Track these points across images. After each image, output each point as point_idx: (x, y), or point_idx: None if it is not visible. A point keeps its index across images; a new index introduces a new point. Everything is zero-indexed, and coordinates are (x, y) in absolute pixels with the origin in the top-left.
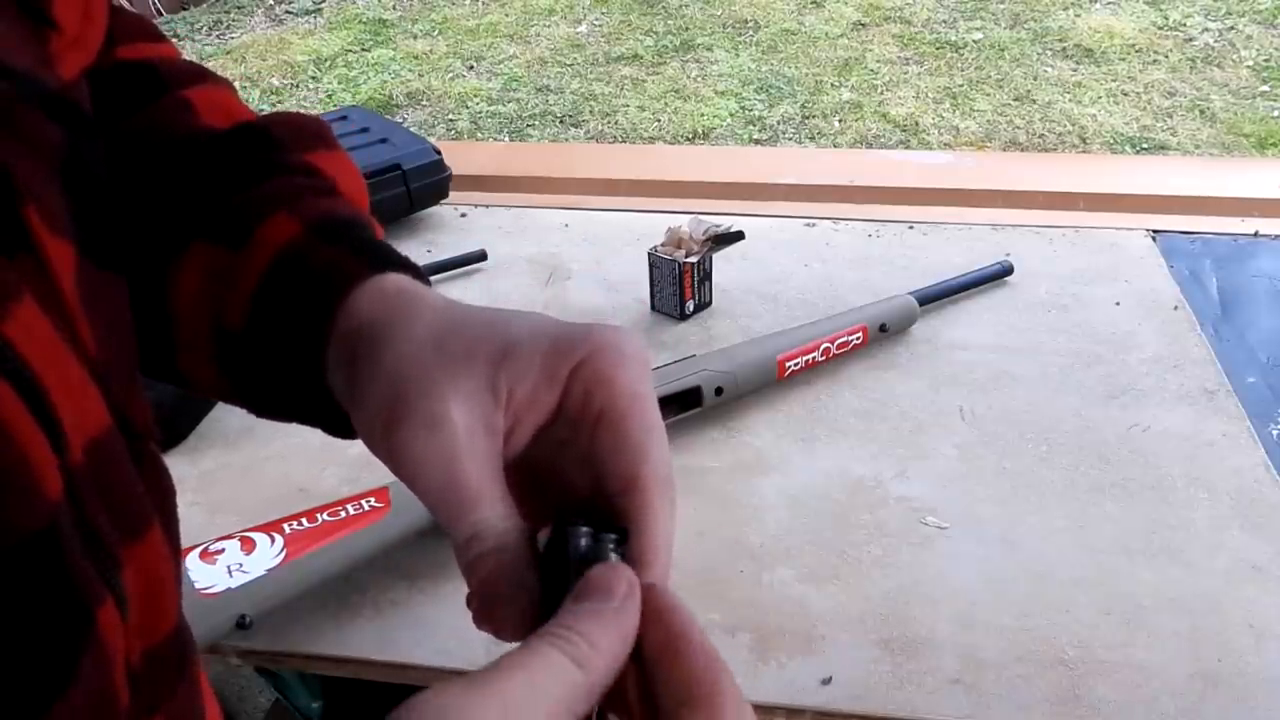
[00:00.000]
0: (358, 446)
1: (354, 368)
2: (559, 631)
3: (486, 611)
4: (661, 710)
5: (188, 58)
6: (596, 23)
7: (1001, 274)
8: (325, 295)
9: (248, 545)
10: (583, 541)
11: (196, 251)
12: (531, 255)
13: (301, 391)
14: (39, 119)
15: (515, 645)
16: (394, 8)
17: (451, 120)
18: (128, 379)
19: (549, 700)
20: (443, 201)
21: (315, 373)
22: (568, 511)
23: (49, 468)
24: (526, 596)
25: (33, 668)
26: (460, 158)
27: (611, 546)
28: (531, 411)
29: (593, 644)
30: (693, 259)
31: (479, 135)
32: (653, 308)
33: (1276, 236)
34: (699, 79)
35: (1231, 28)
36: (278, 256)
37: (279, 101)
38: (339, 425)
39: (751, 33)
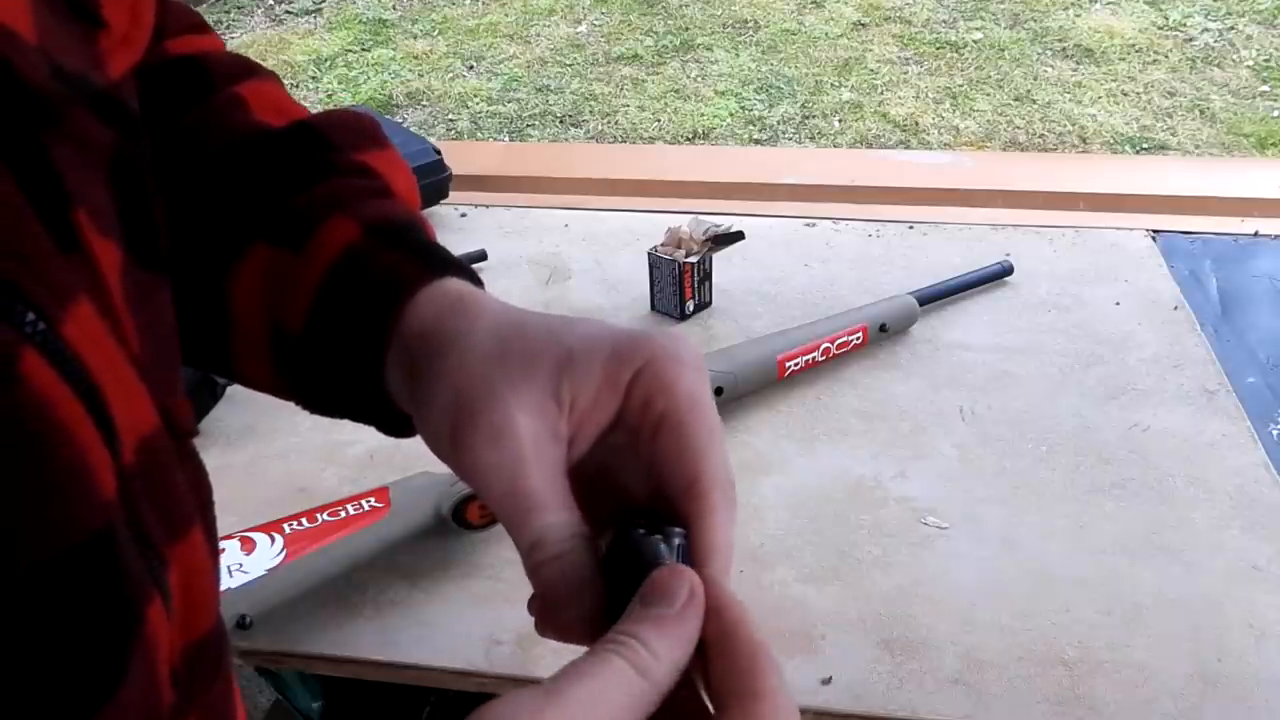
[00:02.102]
0: (358, 446)
1: (415, 375)
2: (623, 640)
3: (550, 617)
4: (713, 702)
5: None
6: (596, 23)
7: (1001, 274)
8: (385, 301)
9: (248, 545)
10: (646, 544)
11: (257, 253)
12: (532, 255)
13: (359, 395)
14: (89, 119)
15: (580, 651)
16: (394, 8)
17: (451, 120)
18: (170, 378)
19: (613, 707)
20: (443, 201)
21: (374, 377)
22: (629, 514)
23: (105, 468)
24: (590, 601)
25: (85, 667)
26: (460, 158)
27: (674, 546)
28: (593, 418)
29: (655, 652)
30: (693, 259)
31: (479, 135)
32: (653, 308)
33: (1276, 236)
34: (699, 79)
35: (1231, 28)
36: (337, 260)
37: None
38: (397, 425)
39: (751, 33)
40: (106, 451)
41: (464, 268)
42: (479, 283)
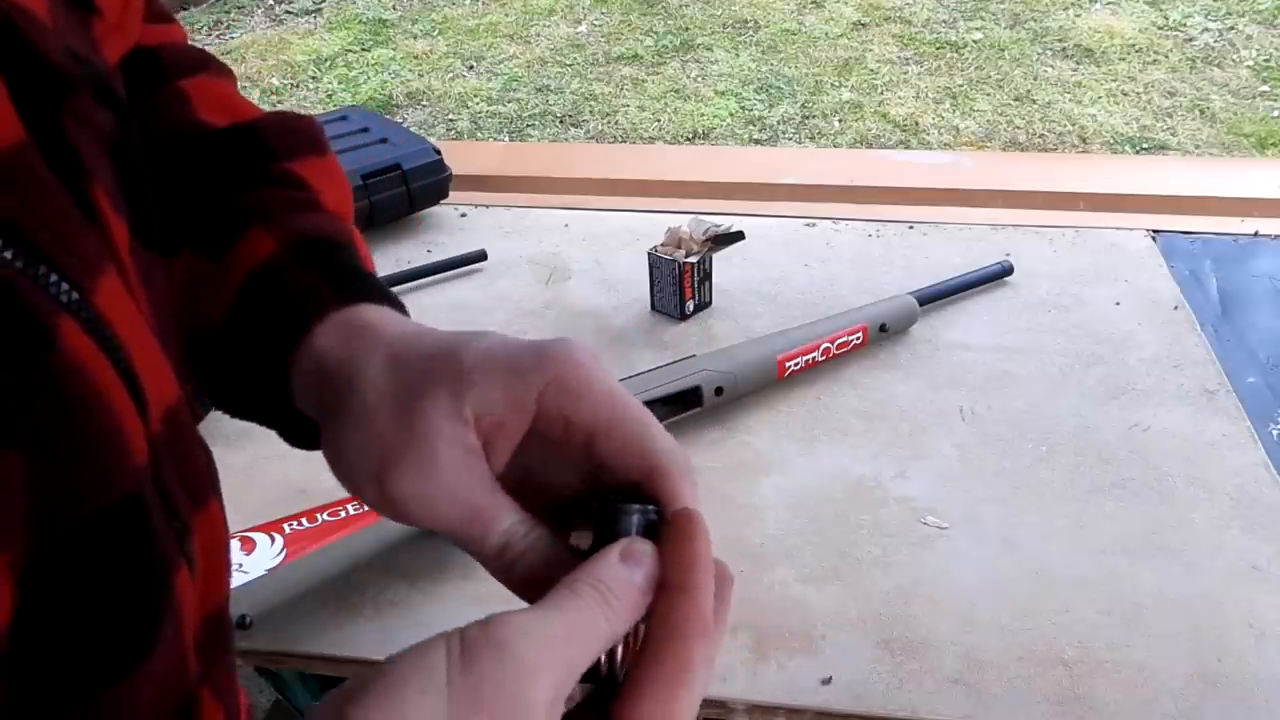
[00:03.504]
0: None
1: (324, 409)
2: (600, 589)
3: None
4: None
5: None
6: (596, 23)
7: (1001, 274)
8: (293, 324)
9: (248, 545)
10: (632, 518)
11: (182, 257)
12: (531, 255)
13: (265, 403)
14: (91, 103)
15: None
16: (394, 8)
17: (451, 120)
18: (175, 355)
19: (581, 644)
20: (443, 201)
21: (281, 390)
22: (606, 494)
23: (138, 435)
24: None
25: (118, 632)
26: (460, 158)
27: (648, 519)
28: (504, 433)
29: (622, 611)
30: (693, 259)
31: (479, 135)
32: (653, 308)
33: (1276, 236)
34: (699, 79)
35: (1231, 28)
36: (251, 275)
37: (279, 101)
38: (303, 439)
39: (751, 33)
40: (139, 419)
41: (376, 290)
42: (395, 301)
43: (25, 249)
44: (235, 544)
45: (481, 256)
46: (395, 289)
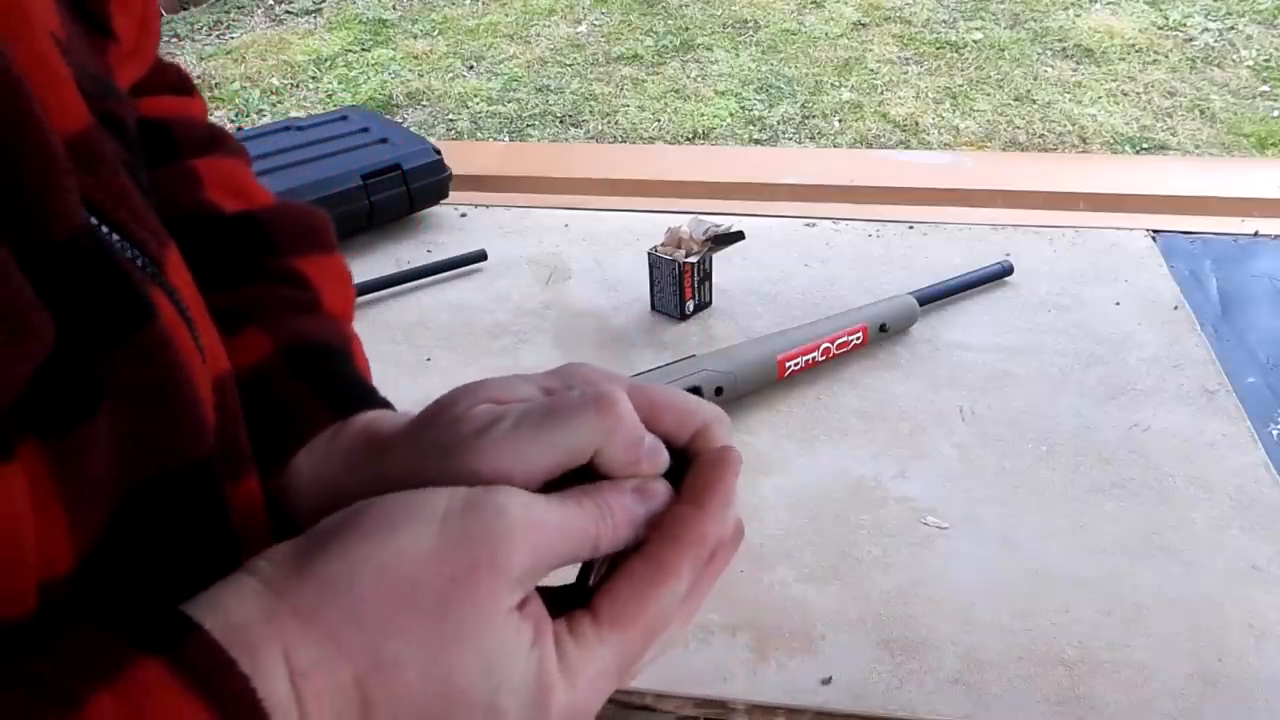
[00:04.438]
0: None
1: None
2: (604, 508)
3: None
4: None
5: (185, 58)
6: (596, 23)
7: (1001, 274)
8: (280, 437)
9: None
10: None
11: None
12: (531, 255)
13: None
14: (99, 129)
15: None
16: (394, 8)
17: (451, 120)
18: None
19: (568, 538)
20: (443, 201)
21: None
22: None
23: (210, 404)
24: None
25: (202, 580)
26: (460, 158)
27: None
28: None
29: (613, 530)
30: (693, 259)
31: (479, 135)
32: (653, 308)
33: (1276, 236)
34: (699, 79)
35: (1231, 28)
36: (245, 376)
37: (279, 102)
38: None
39: (751, 33)
40: (210, 389)
41: (366, 397)
42: (385, 404)
43: (111, 225)
44: None
45: (481, 256)
46: (395, 289)
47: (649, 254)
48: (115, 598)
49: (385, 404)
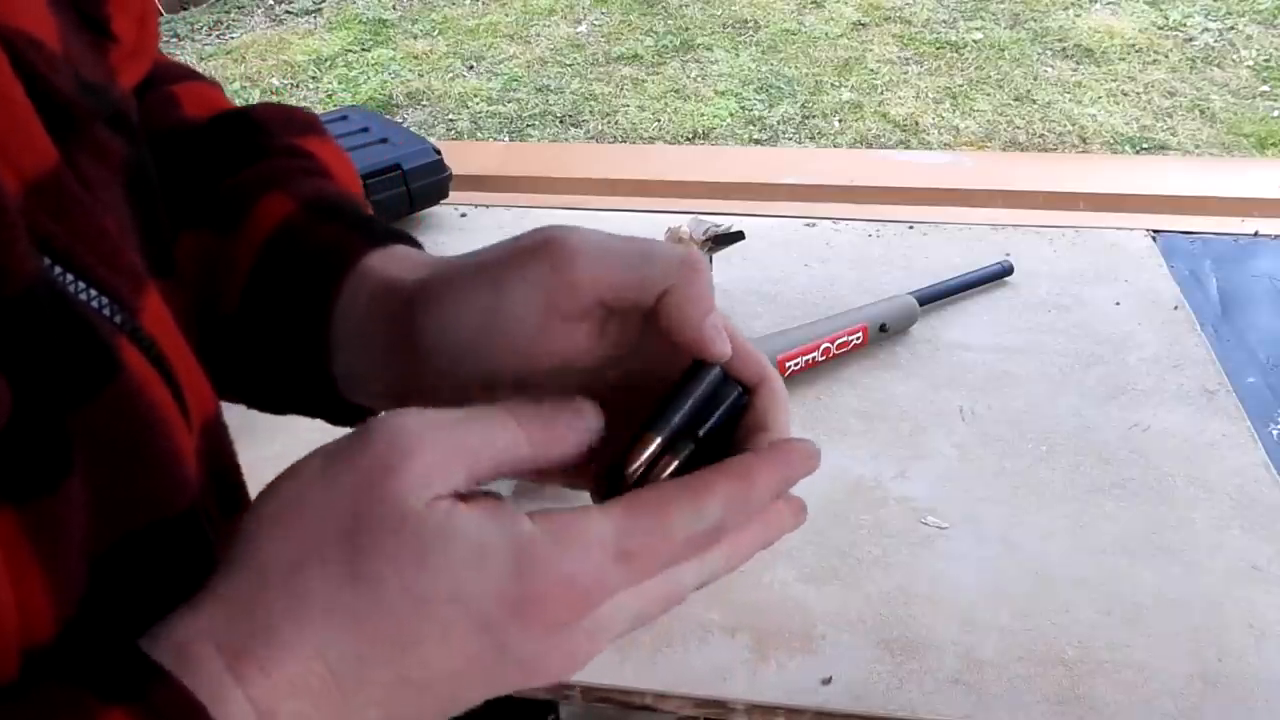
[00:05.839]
0: None
1: (411, 314)
2: (515, 413)
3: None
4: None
5: (186, 58)
6: (596, 23)
7: (1001, 274)
8: (326, 273)
9: None
10: (714, 383)
11: (183, 241)
12: None
13: (299, 374)
14: (105, 132)
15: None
16: (394, 8)
17: (451, 120)
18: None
19: (481, 437)
20: (443, 201)
21: (316, 353)
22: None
23: (190, 452)
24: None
25: None
26: (460, 158)
27: (734, 397)
28: (610, 319)
29: (534, 433)
30: None
31: (479, 135)
32: None
33: (1276, 236)
34: (699, 79)
35: (1231, 28)
36: (273, 234)
37: (279, 102)
38: (333, 406)
39: (751, 33)
40: (189, 435)
41: (407, 237)
42: (414, 243)
43: (77, 273)
44: None
45: None
46: None
47: None
48: (102, 645)
49: (414, 242)
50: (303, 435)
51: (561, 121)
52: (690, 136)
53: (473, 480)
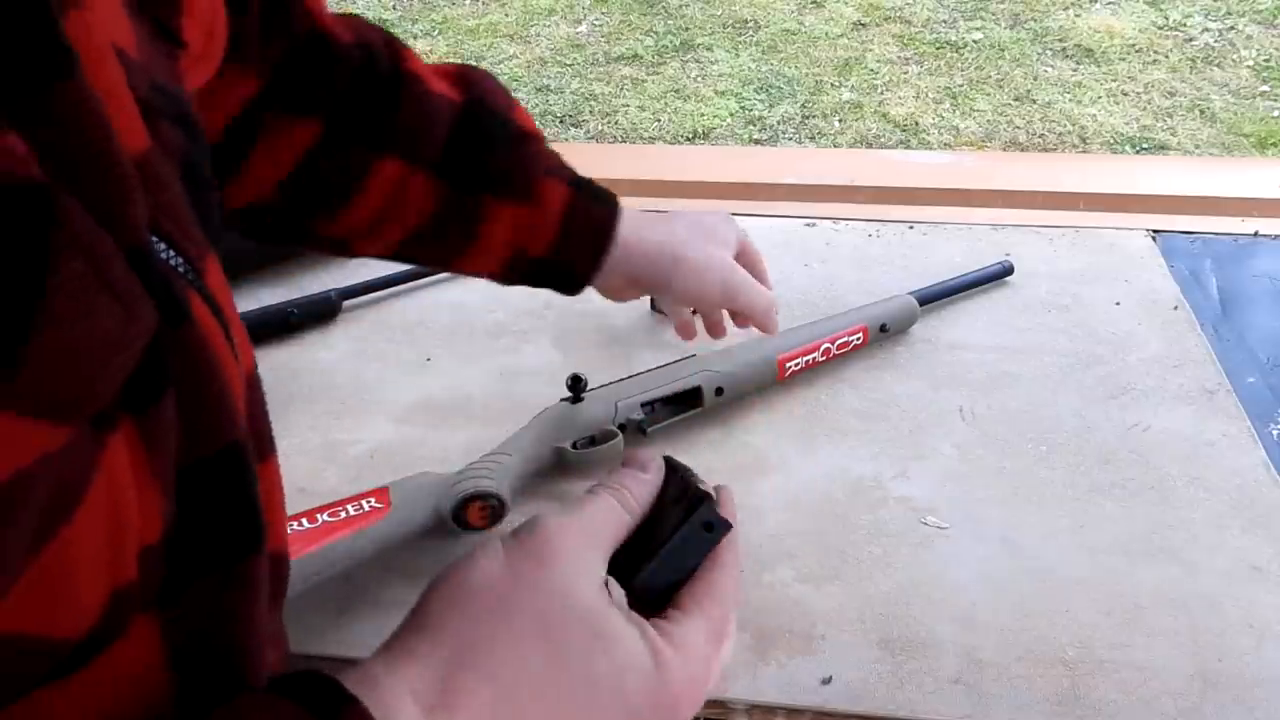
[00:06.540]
0: (358, 446)
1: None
2: (612, 485)
3: None
4: None
5: None
6: (596, 23)
7: (1002, 274)
8: (599, 242)
9: None
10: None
11: (503, 210)
12: None
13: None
14: (170, 127)
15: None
16: (394, 8)
17: None
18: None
19: (607, 526)
20: None
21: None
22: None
23: (240, 396)
24: None
25: (240, 536)
26: None
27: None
28: None
29: (633, 493)
30: None
31: None
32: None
33: (1276, 236)
34: (699, 79)
35: (1231, 28)
36: (563, 212)
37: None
38: (575, 286)
39: (751, 33)
40: (240, 380)
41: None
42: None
43: (161, 236)
44: None
45: None
46: (394, 289)
47: None
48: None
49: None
50: (305, 435)
51: (561, 121)
52: (690, 136)
53: (608, 557)
